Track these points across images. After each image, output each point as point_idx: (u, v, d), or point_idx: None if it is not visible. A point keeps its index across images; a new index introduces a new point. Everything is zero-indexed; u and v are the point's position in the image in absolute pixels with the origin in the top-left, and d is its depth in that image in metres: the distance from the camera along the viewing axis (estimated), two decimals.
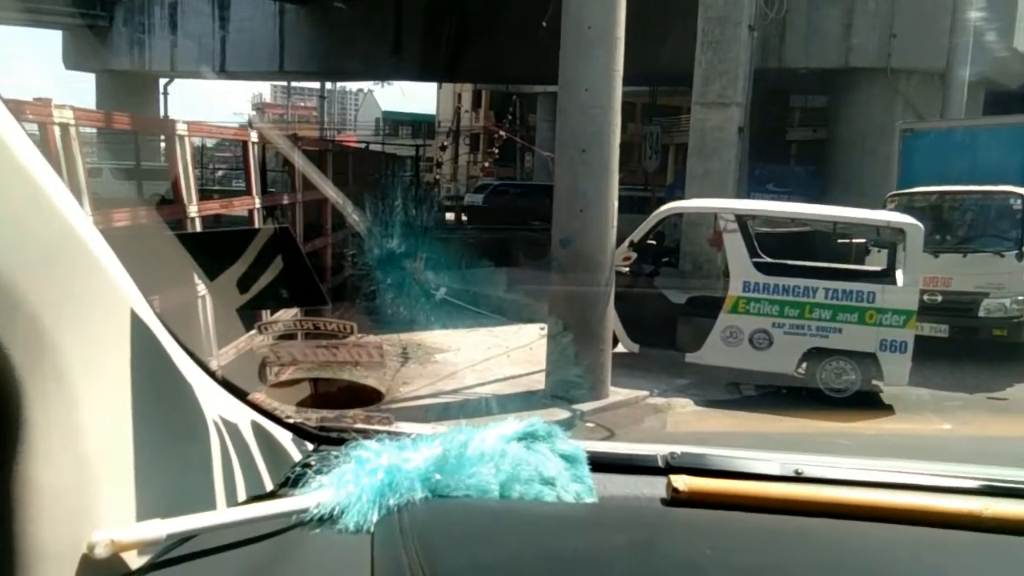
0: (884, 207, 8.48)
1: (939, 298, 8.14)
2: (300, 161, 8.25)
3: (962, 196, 8.71)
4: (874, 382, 6.72)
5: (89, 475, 0.75)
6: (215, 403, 1.01)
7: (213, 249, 1.27)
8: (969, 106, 14.17)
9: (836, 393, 6.72)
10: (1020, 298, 8.00)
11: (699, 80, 12.67)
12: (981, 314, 8.07)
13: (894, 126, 11.36)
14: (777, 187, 17.14)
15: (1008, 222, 8.28)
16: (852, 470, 1.17)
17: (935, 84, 14.32)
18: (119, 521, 0.77)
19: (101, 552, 0.74)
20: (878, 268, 7.80)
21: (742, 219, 7.31)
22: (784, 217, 8.37)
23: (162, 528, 0.79)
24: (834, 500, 1.04)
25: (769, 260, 7.54)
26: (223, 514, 0.90)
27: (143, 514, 0.80)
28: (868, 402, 6.67)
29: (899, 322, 6.56)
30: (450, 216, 26.20)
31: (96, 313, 0.79)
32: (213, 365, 1.07)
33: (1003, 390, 7.40)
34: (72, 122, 4.19)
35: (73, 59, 26.20)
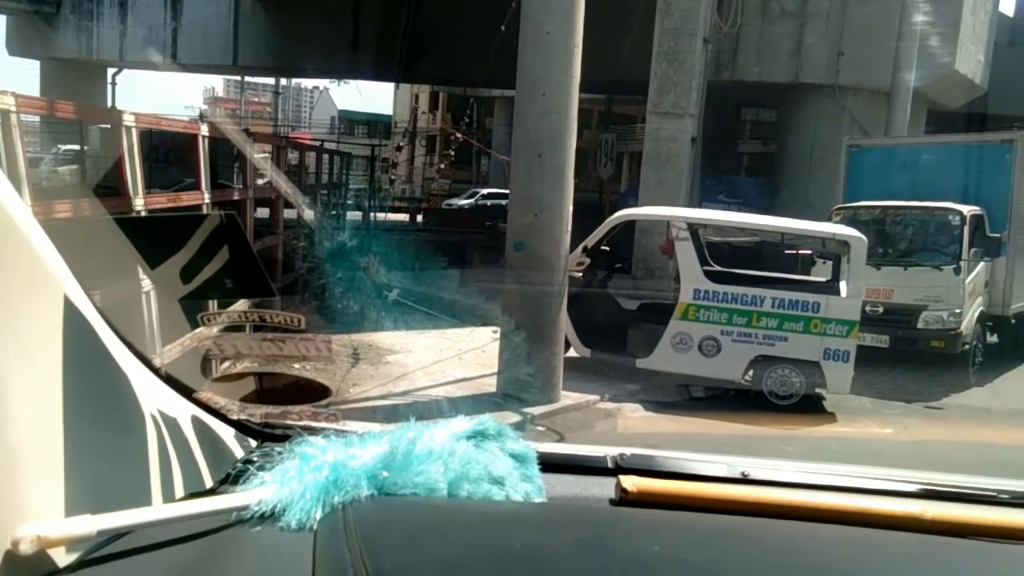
0: (830, 220, 8.69)
1: (881, 309, 8.37)
2: (252, 156, 8.10)
3: (904, 211, 8.98)
4: (817, 389, 6.88)
5: (16, 467, 0.71)
6: (154, 397, 0.97)
7: (156, 235, 1.23)
8: (912, 124, 14.65)
9: (781, 399, 6.86)
10: (957, 311, 8.27)
11: (654, 90, 12.84)
12: (920, 326, 8.33)
13: (841, 141, 11.63)
14: (728, 197, 17.45)
15: (947, 237, 8.56)
16: (796, 473, 1.19)
17: (880, 102, 14.76)
18: (47, 516, 0.74)
19: (27, 548, 0.71)
20: (823, 279, 7.99)
21: (694, 228, 7.41)
22: (734, 227, 8.52)
23: (93, 524, 0.76)
24: (779, 501, 1.06)
25: (719, 269, 7.66)
26: (158, 510, 0.87)
27: (73, 509, 0.77)
28: (812, 408, 6.83)
29: (842, 332, 6.72)
30: (404, 217, 26.06)
31: (28, 300, 0.76)
32: (157, 361, 1.03)
33: (940, 399, 7.65)
34: (13, 109, 4.04)
35: (17, 45, 25.30)
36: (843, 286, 7.06)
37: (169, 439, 0.97)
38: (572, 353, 7.32)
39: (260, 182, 8.36)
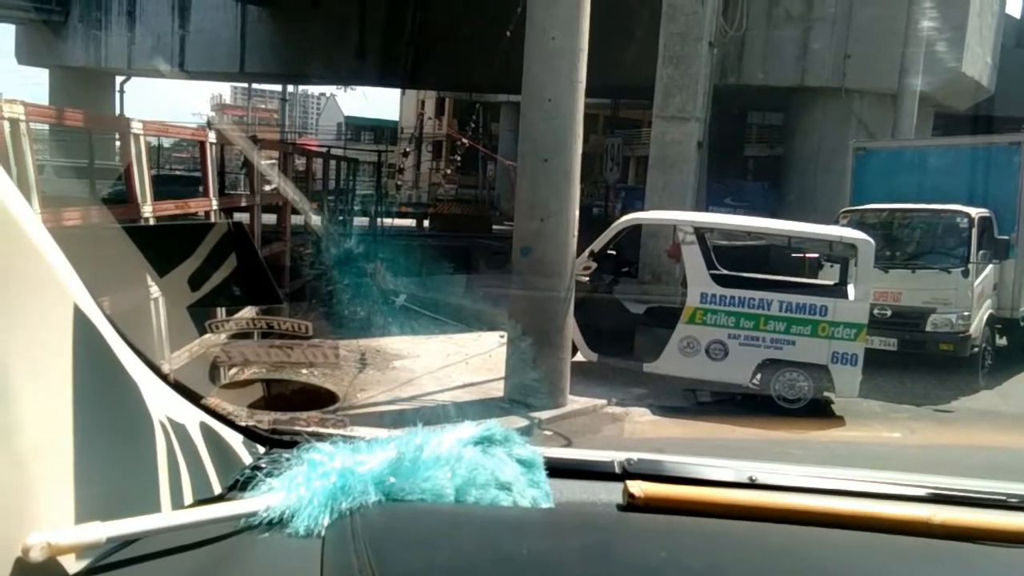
0: (837, 223, 8.66)
1: (889, 312, 8.33)
2: (259, 163, 8.13)
3: (912, 214, 8.95)
4: (826, 393, 6.85)
5: (25, 474, 0.72)
6: (163, 404, 0.98)
7: (164, 243, 1.24)
8: (919, 127, 14.61)
9: (789, 403, 6.83)
10: (966, 313, 8.23)
11: (660, 94, 12.83)
12: (928, 328, 8.28)
13: (847, 144, 11.60)
14: (734, 201, 17.46)
15: (955, 240, 8.52)
16: (805, 477, 1.19)
17: (887, 105, 14.73)
18: (57, 523, 0.74)
19: (37, 555, 0.71)
20: (831, 282, 7.96)
21: (700, 232, 7.40)
22: (741, 231, 8.51)
23: (102, 531, 0.77)
24: (787, 506, 1.05)
25: (726, 272, 7.65)
26: (167, 517, 0.87)
27: (82, 516, 0.77)
28: (820, 412, 6.80)
29: (850, 335, 6.69)
30: (411, 222, 26.12)
31: (38, 308, 0.77)
32: (165, 368, 1.04)
33: (949, 402, 7.61)
34: (22, 117, 4.07)
35: (26, 54, 25.55)
36: (851, 289, 7.03)
37: (177, 446, 0.97)
38: (579, 357, 7.31)
39: (267, 188, 8.38)
